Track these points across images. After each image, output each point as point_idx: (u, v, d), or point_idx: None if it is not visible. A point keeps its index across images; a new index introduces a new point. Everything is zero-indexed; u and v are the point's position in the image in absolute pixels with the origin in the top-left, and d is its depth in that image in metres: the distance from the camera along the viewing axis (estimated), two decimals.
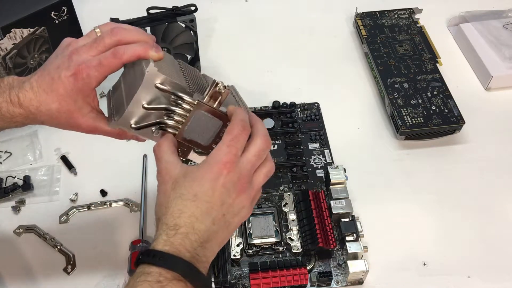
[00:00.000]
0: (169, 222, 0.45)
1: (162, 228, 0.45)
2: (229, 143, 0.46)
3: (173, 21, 0.78)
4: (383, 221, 0.69)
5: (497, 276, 0.65)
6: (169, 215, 0.45)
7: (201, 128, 0.49)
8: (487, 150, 0.78)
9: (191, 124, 0.49)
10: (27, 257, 0.66)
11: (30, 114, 0.51)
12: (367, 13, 0.94)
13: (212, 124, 0.49)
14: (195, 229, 0.45)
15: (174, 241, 0.44)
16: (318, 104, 0.83)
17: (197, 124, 0.49)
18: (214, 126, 0.49)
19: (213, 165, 0.46)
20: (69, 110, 0.51)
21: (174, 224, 0.45)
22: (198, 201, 0.45)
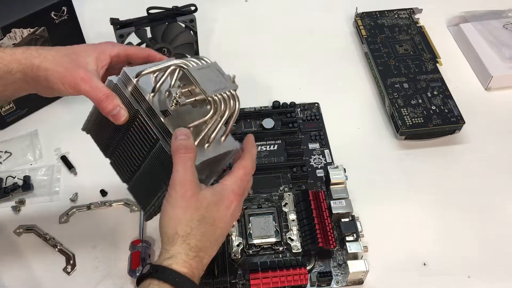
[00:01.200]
0: (191, 242, 0.46)
1: (182, 247, 0.46)
2: (243, 177, 0.51)
3: (173, 21, 0.78)
4: (383, 221, 0.69)
5: (497, 276, 0.65)
6: (192, 235, 0.46)
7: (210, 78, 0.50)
8: (487, 150, 0.78)
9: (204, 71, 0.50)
10: (27, 257, 0.66)
11: (33, 61, 0.51)
12: (367, 13, 0.94)
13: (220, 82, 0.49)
14: (207, 253, 0.48)
15: (192, 264, 0.45)
16: (318, 104, 0.83)
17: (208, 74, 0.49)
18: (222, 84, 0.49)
19: (230, 192, 0.49)
20: (76, 59, 0.52)
21: (195, 245, 0.46)
22: (215, 227, 0.48)
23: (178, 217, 0.46)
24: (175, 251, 0.45)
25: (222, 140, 0.51)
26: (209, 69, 0.49)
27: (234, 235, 0.65)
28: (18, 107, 0.78)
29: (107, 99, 0.50)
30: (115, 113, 0.50)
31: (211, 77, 0.48)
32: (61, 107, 0.82)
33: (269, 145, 0.77)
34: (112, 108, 0.50)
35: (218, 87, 0.48)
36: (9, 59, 0.51)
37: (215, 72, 0.49)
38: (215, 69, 0.50)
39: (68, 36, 0.77)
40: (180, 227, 0.46)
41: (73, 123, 0.79)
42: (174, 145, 0.47)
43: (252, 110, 0.81)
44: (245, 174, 0.51)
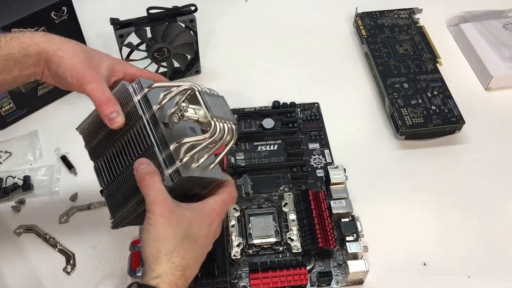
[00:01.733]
0: (176, 261, 0.46)
1: (167, 265, 0.46)
2: (225, 200, 0.53)
3: (173, 21, 0.78)
4: (383, 221, 0.69)
5: (497, 276, 0.65)
6: (176, 253, 0.46)
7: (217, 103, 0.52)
8: (487, 150, 0.78)
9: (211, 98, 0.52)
10: (27, 257, 0.66)
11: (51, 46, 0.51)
12: (367, 13, 0.94)
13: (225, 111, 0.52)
14: (192, 272, 0.48)
15: (178, 284, 0.46)
16: (318, 104, 0.83)
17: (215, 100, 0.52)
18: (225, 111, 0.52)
19: (211, 211, 0.51)
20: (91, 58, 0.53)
21: (180, 264, 0.46)
22: (198, 244, 0.49)
23: (160, 236, 0.46)
24: (161, 270, 0.45)
25: (210, 167, 0.52)
26: (218, 99, 0.52)
27: (234, 235, 0.65)
28: (18, 107, 0.78)
29: (108, 103, 0.50)
30: (112, 117, 0.50)
31: (218, 105, 0.51)
32: (61, 107, 0.82)
33: (269, 145, 0.77)
34: (110, 112, 0.50)
35: (222, 115, 0.50)
36: (28, 42, 0.51)
37: (222, 103, 0.52)
38: (223, 101, 0.53)
39: (68, 36, 0.76)
40: (163, 245, 0.46)
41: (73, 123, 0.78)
42: (138, 176, 0.48)
43: (252, 110, 0.81)
44: (229, 199, 0.53)
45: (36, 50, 0.51)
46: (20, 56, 0.51)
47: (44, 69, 0.52)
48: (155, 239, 0.46)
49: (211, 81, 0.87)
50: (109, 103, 0.50)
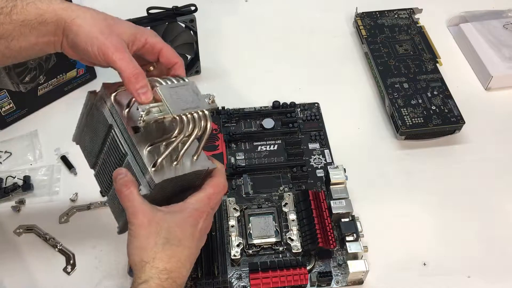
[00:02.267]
0: (159, 266, 0.46)
1: (152, 272, 0.46)
2: (210, 196, 0.50)
3: (173, 21, 0.78)
4: (383, 221, 0.69)
5: (497, 276, 0.65)
6: (158, 259, 0.46)
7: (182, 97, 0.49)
8: (487, 150, 0.78)
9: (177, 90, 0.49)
10: (27, 257, 0.66)
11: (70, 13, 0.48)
12: (367, 13, 0.94)
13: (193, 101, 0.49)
14: (181, 273, 0.48)
15: (165, 285, 0.46)
16: (318, 104, 0.83)
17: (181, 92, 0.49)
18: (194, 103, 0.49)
19: (193, 212, 0.49)
20: (112, 25, 0.50)
21: (164, 268, 0.46)
22: (182, 246, 0.48)
23: (141, 246, 0.47)
24: (146, 276, 0.46)
25: (194, 159, 0.50)
26: (184, 88, 0.49)
27: (234, 235, 0.65)
28: (18, 107, 0.78)
29: (138, 76, 0.47)
30: (142, 92, 0.47)
31: (183, 96, 0.48)
32: (61, 107, 0.82)
33: (269, 145, 0.77)
34: (141, 86, 0.47)
35: (188, 107, 0.47)
36: (45, 9, 0.48)
37: (190, 92, 0.49)
38: (191, 89, 0.49)
39: None
40: (145, 254, 0.46)
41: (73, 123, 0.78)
42: (116, 188, 0.48)
43: (252, 110, 0.81)
44: (214, 193, 0.51)
45: (53, 18, 0.48)
46: (36, 23, 0.48)
47: (63, 39, 0.49)
48: (137, 248, 0.47)
49: (211, 81, 0.87)
50: (139, 76, 0.47)
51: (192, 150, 0.50)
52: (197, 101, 0.48)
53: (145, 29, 0.52)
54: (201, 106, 0.48)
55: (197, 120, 0.48)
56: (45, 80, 0.78)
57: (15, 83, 0.75)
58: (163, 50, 0.52)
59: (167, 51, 0.52)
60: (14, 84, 0.75)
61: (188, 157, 0.50)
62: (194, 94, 0.49)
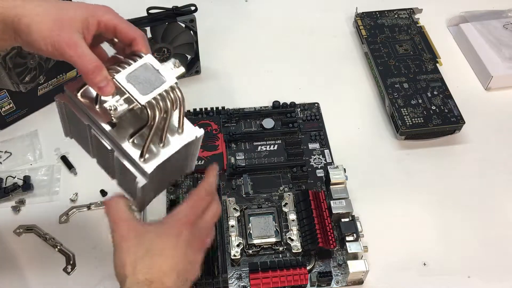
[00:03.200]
0: (139, 278, 0.45)
1: (132, 283, 0.45)
2: (193, 204, 0.50)
3: (173, 21, 0.78)
4: (383, 221, 0.69)
5: (497, 276, 0.65)
6: (138, 271, 0.46)
7: (144, 78, 0.47)
8: (487, 150, 0.78)
9: (136, 72, 0.47)
10: (27, 257, 0.66)
11: (15, 11, 0.45)
12: (367, 13, 0.94)
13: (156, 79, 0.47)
14: (164, 283, 0.46)
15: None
16: (318, 104, 0.83)
17: (141, 73, 0.47)
18: (158, 82, 0.47)
19: (175, 222, 0.49)
20: (62, 17, 0.46)
21: (145, 279, 0.45)
22: (164, 256, 0.47)
23: (122, 259, 0.47)
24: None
25: (180, 132, 0.49)
26: (143, 68, 0.47)
27: (234, 235, 0.65)
28: (18, 107, 0.78)
29: (94, 71, 0.46)
30: (101, 86, 0.46)
31: (144, 77, 0.46)
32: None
33: (269, 145, 0.77)
34: (99, 81, 0.46)
35: (153, 88, 0.46)
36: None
37: (150, 69, 0.47)
38: (150, 66, 0.47)
39: None
40: (126, 268, 0.46)
41: None
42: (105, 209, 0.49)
43: (252, 110, 0.81)
44: (195, 200, 0.50)
45: None
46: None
47: (17, 38, 0.47)
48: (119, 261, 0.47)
49: (211, 81, 0.87)
50: (95, 71, 0.45)
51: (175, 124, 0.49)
52: (160, 77, 0.46)
53: (98, 9, 0.49)
54: (167, 81, 0.46)
55: (166, 97, 0.46)
56: (45, 80, 0.78)
57: (15, 83, 0.75)
58: (118, 28, 0.49)
59: (122, 28, 0.49)
60: (14, 84, 0.75)
61: (174, 133, 0.49)
62: (154, 70, 0.47)
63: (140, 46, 0.49)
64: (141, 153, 0.47)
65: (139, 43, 0.49)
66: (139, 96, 0.45)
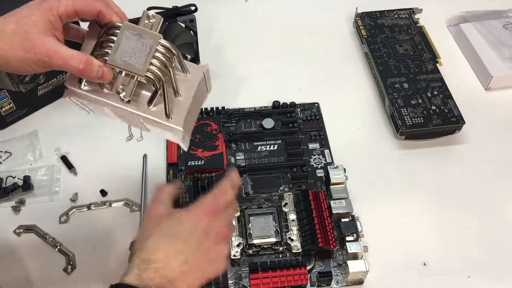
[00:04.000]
0: (142, 256, 0.46)
1: (134, 261, 0.46)
2: (216, 194, 0.51)
3: (173, 21, 0.78)
4: (383, 221, 0.69)
5: (497, 276, 0.65)
6: (144, 249, 0.47)
7: (132, 49, 0.48)
8: (487, 150, 0.78)
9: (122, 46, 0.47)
10: (27, 257, 0.66)
11: None
12: (367, 13, 0.94)
13: (142, 44, 0.48)
14: (168, 265, 0.46)
15: (144, 275, 0.45)
16: (318, 104, 0.83)
17: (127, 45, 0.48)
18: (145, 46, 0.48)
19: (196, 208, 0.50)
20: (25, 31, 0.46)
21: (148, 259, 0.46)
22: (176, 240, 0.48)
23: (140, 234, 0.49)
24: (129, 267, 0.46)
25: (188, 75, 0.51)
26: (125, 38, 0.47)
27: (234, 235, 0.65)
28: (18, 107, 0.78)
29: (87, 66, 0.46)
30: (99, 76, 0.47)
31: (131, 47, 0.47)
32: (61, 107, 0.82)
33: (269, 145, 0.77)
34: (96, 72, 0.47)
35: (144, 54, 0.47)
36: None
37: (132, 37, 0.48)
38: (130, 34, 0.48)
39: None
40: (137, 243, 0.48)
41: (73, 123, 0.79)
42: None
43: (252, 110, 0.81)
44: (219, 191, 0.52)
45: None
46: None
47: (7, 69, 0.48)
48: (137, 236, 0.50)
49: (211, 81, 0.87)
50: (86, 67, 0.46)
51: (180, 73, 0.51)
52: (146, 40, 0.48)
53: (51, 3, 0.47)
54: (153, 42, 0.48)
55: (160, 54, 0.48)
56: (45, 80, 0.78)
57: (15, 83, 0.75)
58: (77, 10, 0.48)
59: (82, 8, 0.48)
60: (14, 84, 0.75)
61: (183, 79, 0.51)
62: (137, 36, 0.48)
63: (108, 16, 0.49)
64: (166, 113, 0.49)
65: (105, 14, 0.49)
66: (136, 69, 0.47)
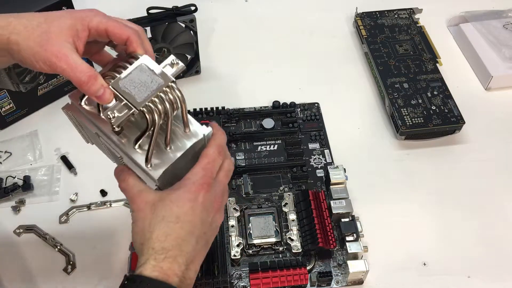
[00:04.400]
0: (156, 246, 0.44)
1: (148, 253, 0.44)
2: (205, 166, 0.48)
3: (173, 21, 0.78)
4: (383, 221, 0.69)
5: (497, 276, 0.65)
6: (154, 239, 0.45)
7: (140, 81, 0.45)
8: (487, 150, 0.78)
9: (132, 75, 0.45)
10: (27, 257, 0.66)
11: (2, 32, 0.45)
12: (367, 13, 0.94)
13: (152, 81, 0.45)
14: (182, 250, 0.45)
15: (163, 266, 0.44)
16: (318, 104, 0.83)
17: (137, 76, 0.45)
18: (154, 83, 0.45)
19: (190, 186, 0.47)
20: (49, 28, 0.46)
21: (161, 248, 0.44)
22: (181, 222, 0.46)
23: (139, 230, 0.46)
24: (144, 259, 0.44)
25: (187, 131, 0.48)
26: (138, 70, 0.45)
27: (234, 235, 0.65)
28: (18, 107, 0.78)
29: (90, 80, 0.44)
30: (99, 95, 0.45)
31: (140, 80, 0.45)
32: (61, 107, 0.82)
33: (269, 145, 0.77)
34: (95, 90, 0.45)
35: (150, 91, 0.44)
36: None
37: (145, 71, 0.45)
38: (145, 67, 0.46)
39: None
40: (143, 237, 0.46)
41: None
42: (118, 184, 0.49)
43: (252, 110, 0.81)
44: (208, 162, 0.48)
45: None
46: None
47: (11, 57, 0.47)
48: (136, 234, 0.46)
49: (211, 81, 0.87)
50: (89, 81, 0.44)
51: (179, 125, 0.47)
52: (157, 79, 0.45)
53: (85, 14, 0.48)
54: (164, 81, 0.45)
55: (164, 98, 0.45)
56: (45, 80, 0.78)
57: (15, 83, 0.75)
58: (109, 30, 0.48)
59: (114, 29, 0.48)
60: (14, 84, 0.75)
61: (180, 134, 0.48)
62: (150, 71, 0.45)
63: (135, 46, 0.48)
64: (146, 158, 0.46)
65: (133, 43, 0.48)
66: (134, 101, 0.44)
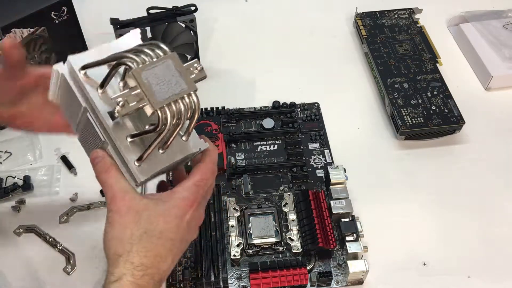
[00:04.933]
0: (135, 261, 0.42)
1: (125, 267, 0.42)
2: (198, 183, 0.46)
3: (173, 21, 0.78)
4: (383, 221, 0.69)
5: (497, 276, 0.65)
6: (134, 252, 0.43)
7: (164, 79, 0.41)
8: (487, 150, 0.78)
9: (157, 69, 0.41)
10: (27, 257, 0.66)
11: None
12: (367, 13, 0.94)
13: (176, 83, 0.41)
14: (160, 268, 0.44)
15: (140, 283, 0.42)
16: (318, 104, 0.83)
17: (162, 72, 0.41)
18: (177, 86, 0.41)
19: (179, 201, 0.45)
20: None
21: (141, 264, 0.42)
22: (164, 239, 0.44)
23: (116, 236, 0.43)
24: (120, 273, 0.42)
25: (184, 139, 0.45)
26: (164, 65, 0.41)
27: (234, 235, 0.65)
28: None
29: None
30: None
31: (164, 77, 0.40)
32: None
33: (269, 145, 0.77)
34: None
35: (171, 93, 0.40)
36: None
37: (171, 70, 0.41)
38: (172, 65, 0.41)
39: (68, 36, 0.77)
40: (120, 246, 0.43)
41: None
42: (94, 171, 0.46)
43: (252, 110, 0.81)
44: (201, 179, 0.47)
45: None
46: None
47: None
48: (112, 239, 0.43)
49: (211, 81, 0.87)
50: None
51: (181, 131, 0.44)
52: (181, 83, 0.41)
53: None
54: (188, 88, 0.41)
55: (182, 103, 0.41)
56: None
57: None
58: None
59: None
60: None
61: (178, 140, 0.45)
62: (176, 72, 0.41)
63: None
64: (140, 157, 0.43)
65: None
66: (153, 99, 0.40)
